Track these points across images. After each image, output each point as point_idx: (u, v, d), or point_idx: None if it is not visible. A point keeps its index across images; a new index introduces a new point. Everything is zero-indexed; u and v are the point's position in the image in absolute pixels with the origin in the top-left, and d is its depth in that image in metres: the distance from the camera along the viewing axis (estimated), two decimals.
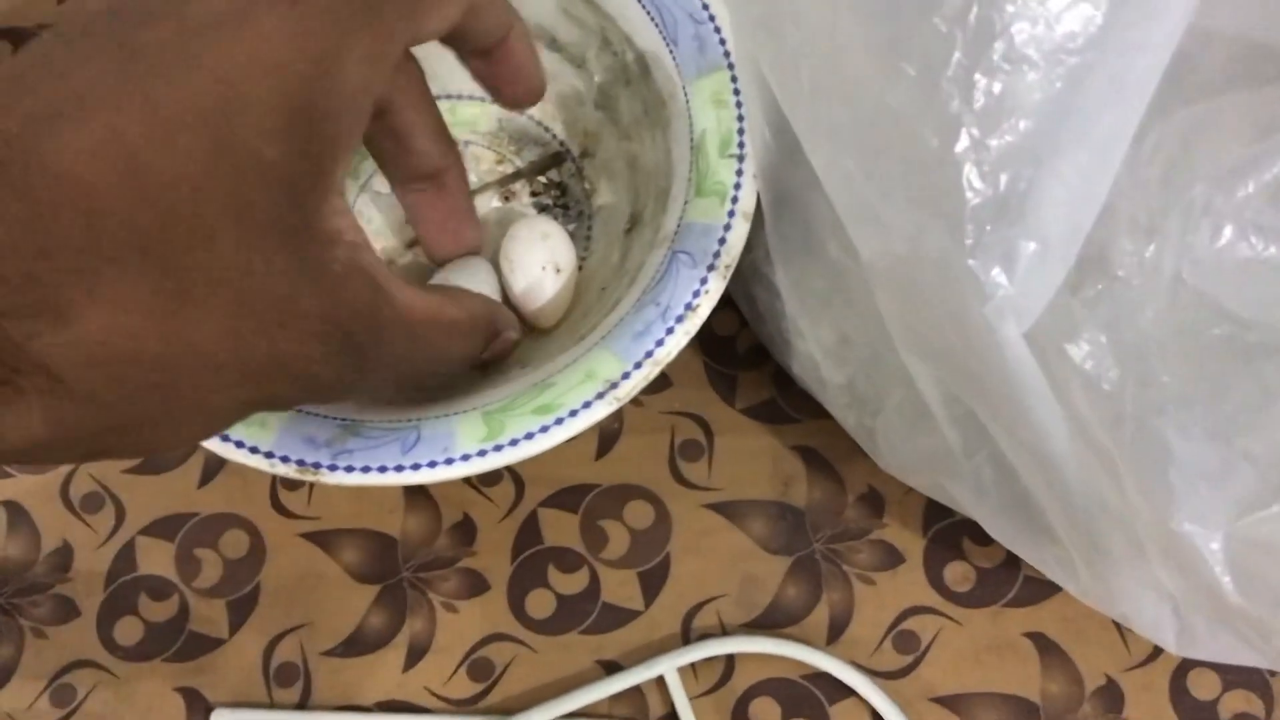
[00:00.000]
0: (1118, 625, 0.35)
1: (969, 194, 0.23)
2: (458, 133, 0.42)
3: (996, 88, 0.23)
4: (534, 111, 0.42)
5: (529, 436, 0.32)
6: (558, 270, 0.36)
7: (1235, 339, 0.23)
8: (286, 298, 0.22)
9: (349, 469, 0.32)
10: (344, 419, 0.33)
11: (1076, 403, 0.25)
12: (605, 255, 0.39)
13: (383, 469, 0.32)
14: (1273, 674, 0.34)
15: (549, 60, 0.40)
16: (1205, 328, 0.23)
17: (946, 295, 0.25)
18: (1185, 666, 0.35)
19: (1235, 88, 0.24)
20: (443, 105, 0.35)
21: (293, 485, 0.38)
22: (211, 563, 0.37)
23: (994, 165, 0.23)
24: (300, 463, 0.32)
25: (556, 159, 0.41)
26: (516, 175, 0.41)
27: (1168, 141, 0.23)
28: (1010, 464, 0.28)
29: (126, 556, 0.38)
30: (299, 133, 0.21)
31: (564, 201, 0.40)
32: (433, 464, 0.32)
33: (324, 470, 0.31)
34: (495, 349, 0.32)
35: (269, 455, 0.32)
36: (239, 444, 0.32)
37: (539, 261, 0.36)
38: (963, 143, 0.23)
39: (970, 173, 0.23)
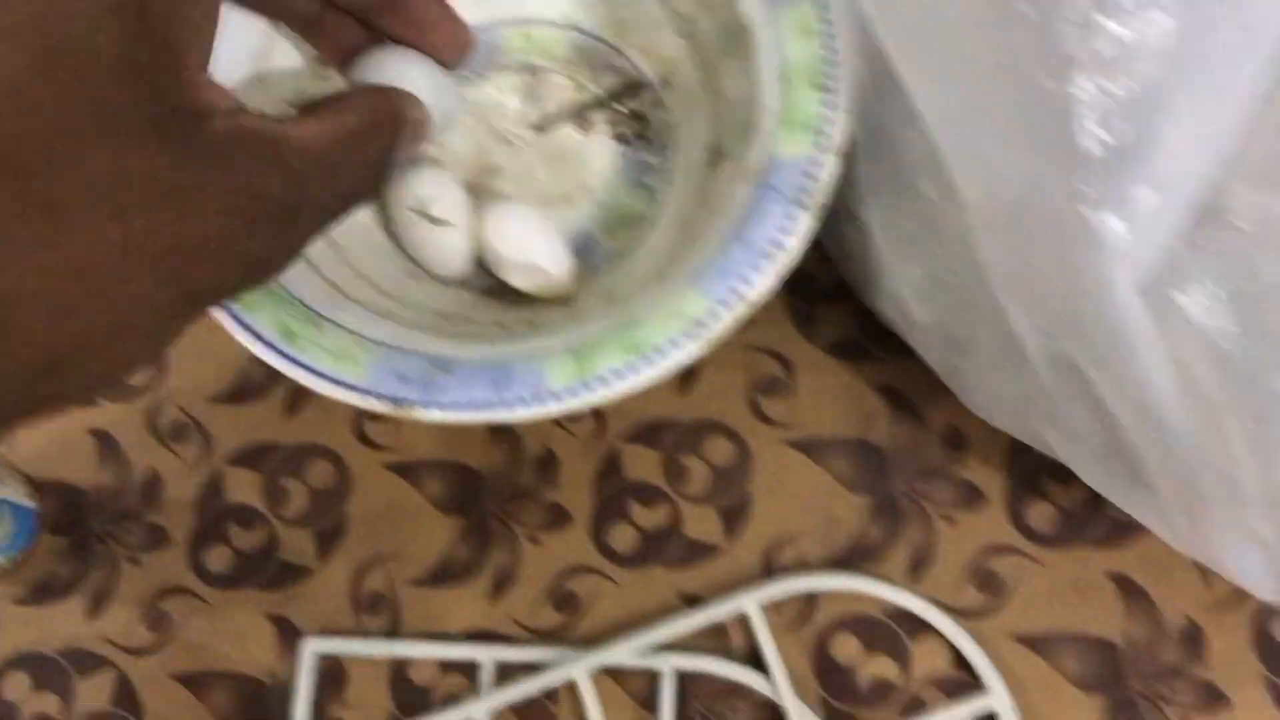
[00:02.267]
0: (1200, 567, 0.35)
1: (1086, 141, 0.22)
2: (534, 59, 0.41)
3: (1119, 30, 0.22)
4: (611, 37, 0.41)
5: (619, 375, 0.32)
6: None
7: None
8: (176, 188, 0.21)
9: (441, 406, 0.32)
10: (436, 355, 0.33)
11: (1186, 354, 0.24)
12: (685, 188, 0.38)
13: (475, 406, 0.32)
14: None
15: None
16: None
17: (1057, 241, 0.24)
18: (1266, 611, 0.35)
19: None
20: (517, 30, 0.34)
21: (377, 416, 0.39)
22: (298, 493, 0.38)
23: (1114, 112, 0.22)
24: (394, 399, 0.32)
25: (636, 87, 0.40)
26: (594, 103, 0.40)
27: None
28: (1110, 411, 0.27)
29: (214, 486, 0.38)
30: (129, 17, 0.20)
31: (644, 132, 0.40)
32: (524, 401, 0.32)
33: (417, 407, 0.32)
34: (408, 137, 0.28)
35: (364, 392, 0.32)
36: (334, 380, 0.32)
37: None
38: (1081, 87, 0.22)
39: (1088, 119, 0.22)
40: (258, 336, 0.33)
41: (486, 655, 0.36)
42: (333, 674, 0.36)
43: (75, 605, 0.37)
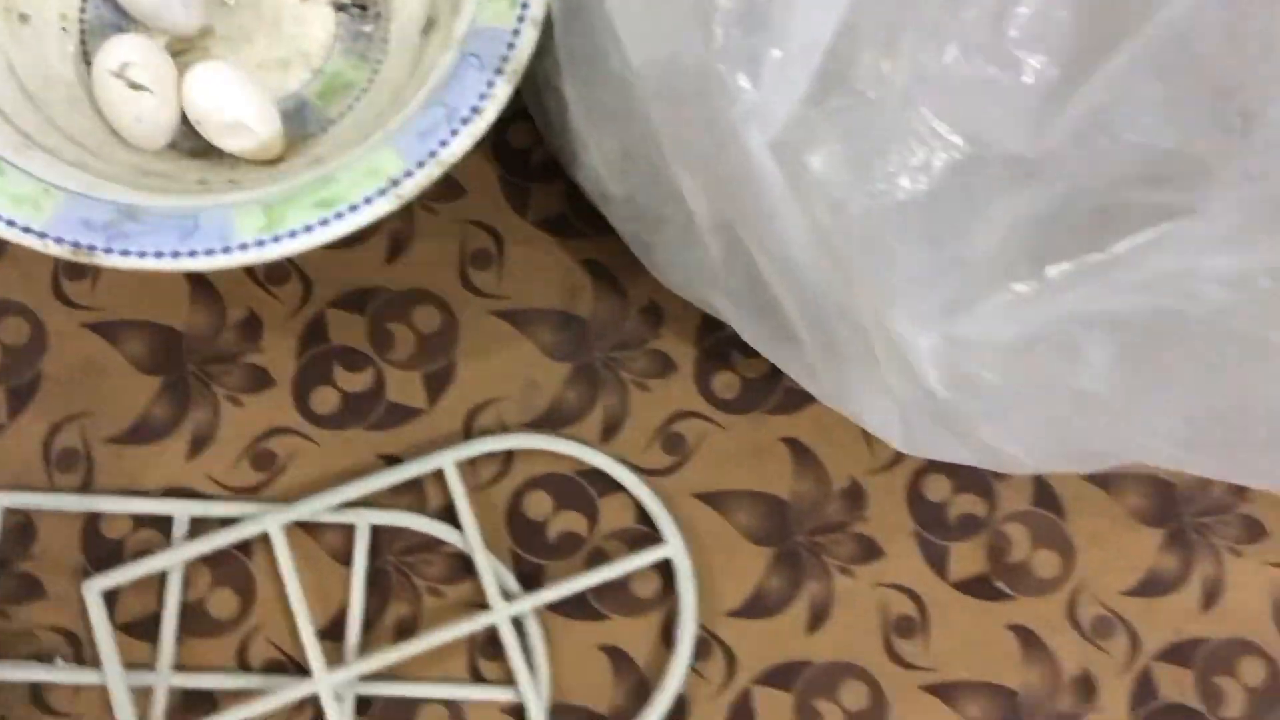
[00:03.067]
0: (865, 433, 0.38)
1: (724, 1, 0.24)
2: None
3: None
4: None
5: (308, 229, 0.32)
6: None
7: (951, 151, 0.25)
8: None
9: (125, 252, 0.32)
10: (127, 205, 0.33)
11: (816, 210, 0.26)
12: (400, 58, 0.39)
13: (159, 254, 0.32)
14: (996, 477, 0.38)
15: None
16: (927, 141, 0.25)
17: (701, 102, 0.26)
18: (921, 471, 0.38)
19: None
20: None
21: (76, 274, 0.38)
22: None
23: None
24: (75, 244, 0.31)
25: None
26: None
27: None
28: (759, 271, 0.30)
29: None
30: None
31: (362, 1, 0.40)
32: (210, 251, 0.32)
33: (99, 252, 0.31)
34: None
35: (42, 235, 0.31)
36: (10, 223, 0.32)
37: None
38: None
39: None
40: None
41: (181, 509, 0.36)
42: (20, 529, 0.36)
43: None
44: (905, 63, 0.25)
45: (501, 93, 0.33)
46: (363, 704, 0.35)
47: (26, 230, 0.32)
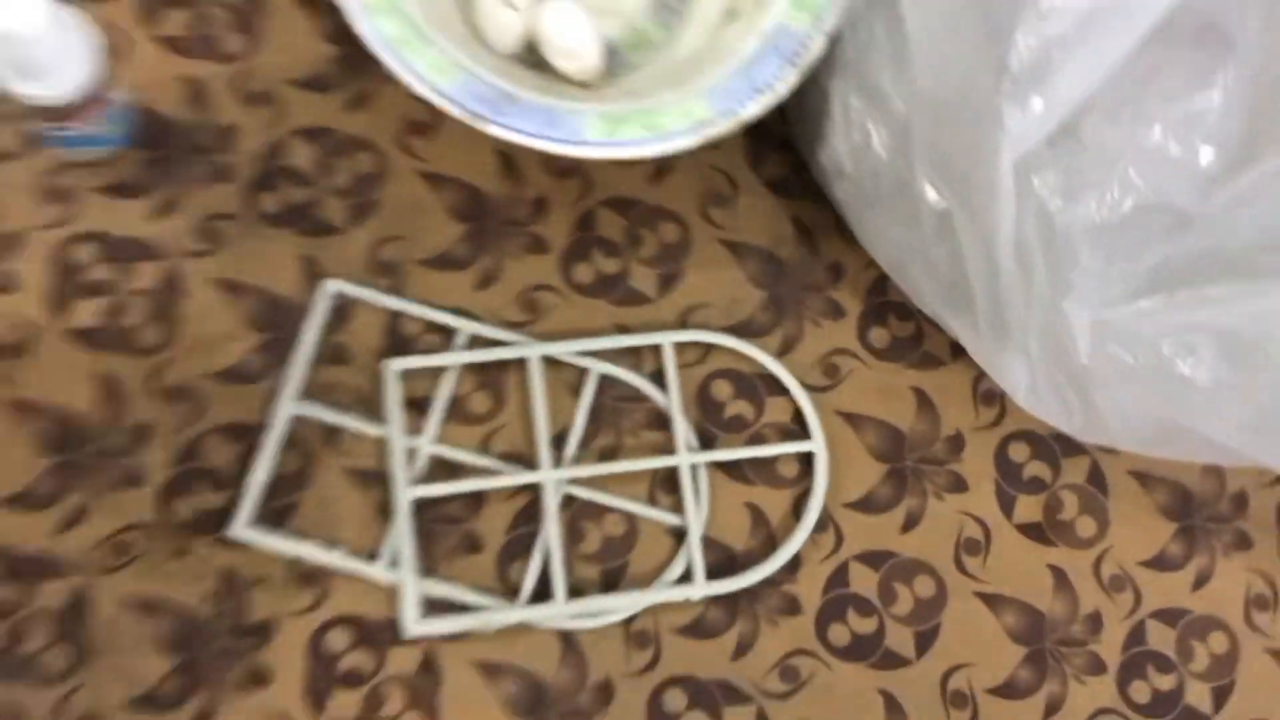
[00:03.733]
0: (975, 398, 0.50)
1: (1014, 59, 0.36)
2: None
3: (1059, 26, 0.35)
4: None
5: (636, 143, 0.43)
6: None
7: (1139, 197, 0.36)
8: None
9: (505, 125, 0.43)
10: (505, 90, 0.44)
11: (1030, 215, 0.38)
12: (696, 33, 0.50)
13: (529, 134, 0.43)
14: (1064, 453, 0.50)
15: None
16: (1124, 186, 0.36)
17: (973, 122, 0.37)
18: (1010, 437, 0.50)
19: (1184, 45, 0.38)
20: None
21: (418, 132, 0.49)
22: (345, 171, 0.48)
23: (1034, 47, 0.35)
24: (472, 111, 0.43)
25: None
26: None
27: (1141, 67, 0.36)
28: (963, 254, 0.41)
29: (279, 150, 0.48)
30: None
31: None
32: (565, 141, 0.43)
33: (487, 121, 0.43)
34: None
35: (453, 100, 0.43)
36: (431, 85, 0.43)
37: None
38: (1024, 18, 0.35)
39: (1019, 45, 0.36)
40: (380, 35, 0.43)
41: (465, 326, 0.47)
42: (342, 310, 0.47)
43: (144, 206, 0.46)
44: (1123, 131, 0.36)
45: (791, 79, 0.45)
46: (567, 500, 0.47)
47: (439, 93, 0.43)
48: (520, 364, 0.47)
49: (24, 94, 0.40)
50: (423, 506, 0.45)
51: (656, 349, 0.49)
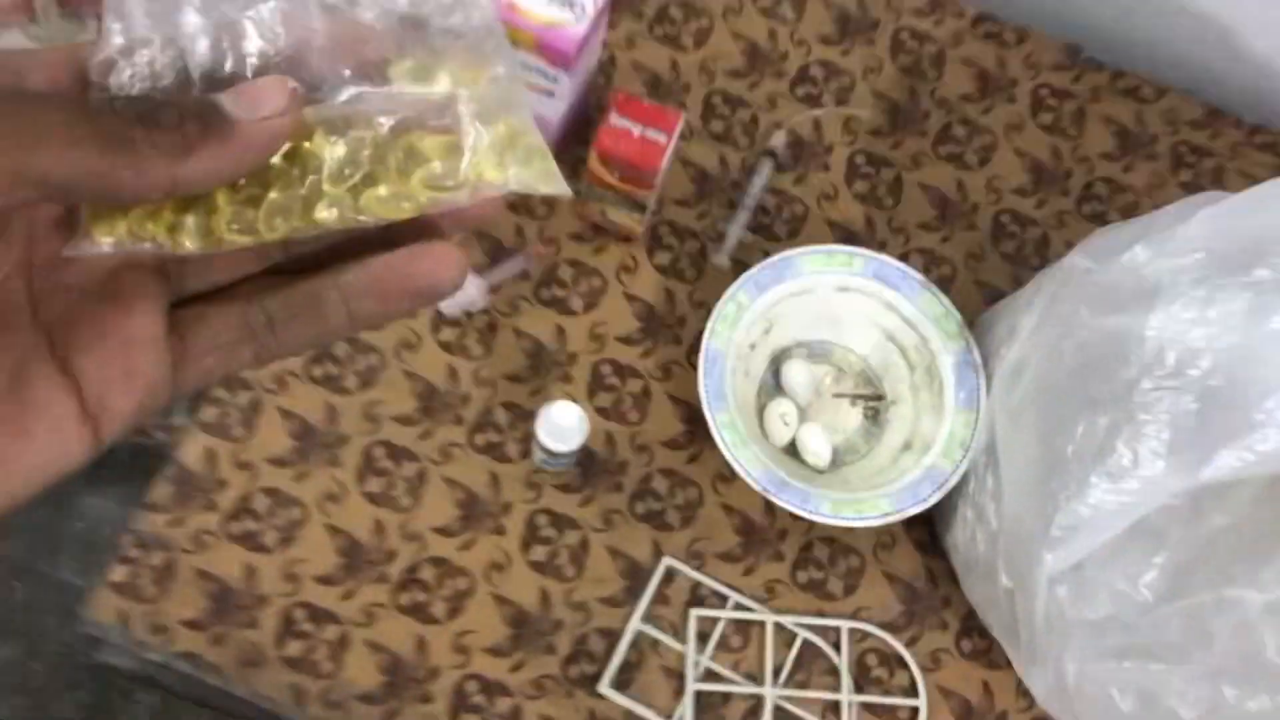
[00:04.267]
0: (1017, 692, 0.84)
1: (1054, 526, 0.72)
2: (840, 363, 0.91)
3: (1084, 511, 0.72)
4: (875, 365, 0.91)
5: (848, 518, 0.81)
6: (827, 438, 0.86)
7: (1106, 609, 0.72)
8: None
9: (778, 498, 0.81)
10: (782, 475, 0.82)
11: (1052, 606, 0.74)
12: (884, 452, 0.88)
13: (791, 504, 0.81)
14: None
15: (885, 350, 0.89)
16: (1101, 606, 0.72)
17: (1030, 550, 0.74)
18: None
19: (1138, 532, 0.74)
20: (841, 347, 0.85)
21: (726, 480, 0.88)
22: (680, 496, 0.87)
23: (1069, 523, 0.72)
24: (764, 487, 0.81)
25: (879, 396, 0.91)
26: (859, 396, 0.91)
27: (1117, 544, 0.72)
28: (1017, 613, 0.77)
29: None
30: None
31: (875, 416, 0.90)
32: (810, 511, 0.81)
33: (772, 495, 0.81)
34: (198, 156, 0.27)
35: (753, 477, 0.81)
36: (744, 468, 0.81)
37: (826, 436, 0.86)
38: (1063, 508, 0.72)
39: (1059, 518, 0.72)
40: (721, 433, 0.82)
41: (732, 595, 0.85)
42: (669, 575, 0.85)
43: (577, 498, 0.86)
44: (1109, 573, 0.72)
45: (937, 497, 0.82)
46: (777, 710, 0.82)
47: (747, 472, 0.81)
48: (761, 623, 0.84)
49: (552, 449, 0.79)
50: (700, 695, 0.81)
51: (838, 629, 0.85)
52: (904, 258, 0.94)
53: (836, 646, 0.84)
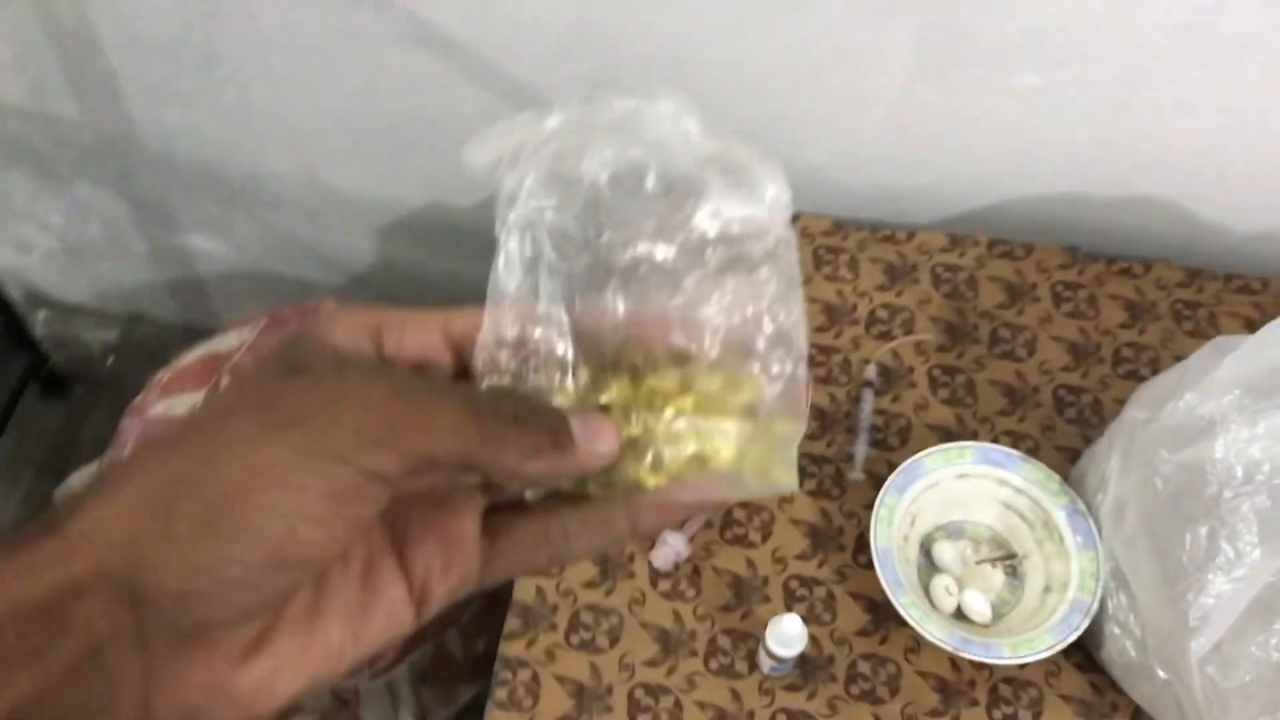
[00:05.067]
0: None
1: (1192, 615, 0.93)
2: (975, 532, 1.13)
3: (1209, 602, 0.93)
4: (1001, 531, 1.12)
5: (1020, 655, 1.01)
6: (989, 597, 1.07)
7: (1255, 671, 0.92)
8: None
9: (968, 652, 1.01)
10: (964, 635, 1.02)
11: (1206, 684, 0.93)
12: (1029, 599, 1.09)
13: (981, 656, 1.01)
14: None
15: (1006, 517, 1.11)
16: (1243, 677, 0.92)
17: (1178, 643, 0.94)
18: None
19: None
20: (973, 522, 1.07)
21: (914, 650, 1.07)
22: (871, 663, 1.06)
23: (1202, 609, 0.92)
24: (952, 645, 1.01)
25: (1013, 555, 1.12)
26: (999, 558, 1.12)
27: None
28: (1180, 698, 0.96)
29: None
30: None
31: (1014, 571, 1.11)
32: (996, 657, 1.01)
33: (960, 651, 1.01)
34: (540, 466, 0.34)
35: (940, 640, 1.01)
36: (930, 632, 1.01)
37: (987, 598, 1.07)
38: (1194, 602, 0.93)
39: (1193, 603, 0.93)
40: (906, 609, 1.02)
41: None
42: None
43: (804, 693, 1.05)
44: (1241, 649, 0.93)
45: (1085, 624, 1.02)
46: None
47: (935, 636, 1.01)
48: None
49: (782, 656, 0.99)
50: None
51: None
52: (995, 440, 1.17)
53: None
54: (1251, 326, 1.23)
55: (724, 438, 0.36)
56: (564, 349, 0.36)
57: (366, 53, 1.32)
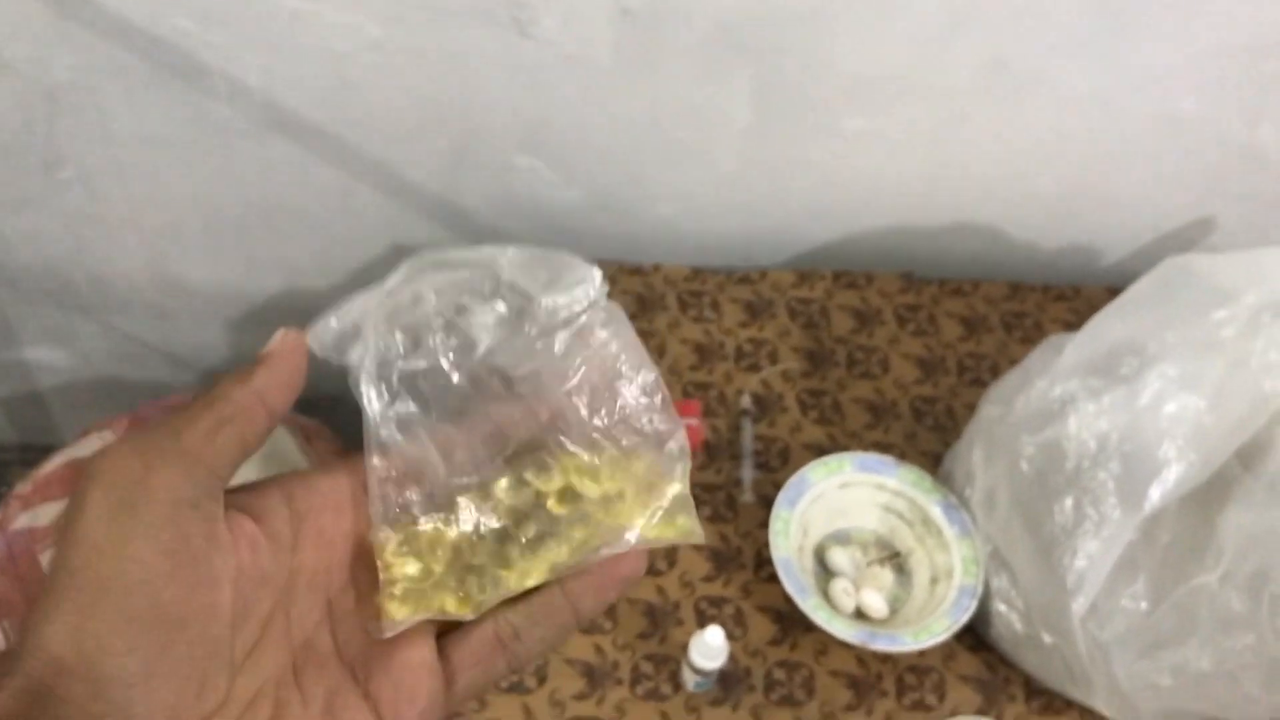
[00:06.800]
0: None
1: (1069, 583, 1.02)
2: (860, 537, 1.21)
3: (1082, 563, 1.03)
4: (885, 533, 1.21)
5: (922, 641, 1.09)
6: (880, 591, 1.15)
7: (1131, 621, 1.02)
8: None
9: (876, 646, 1.08)
10: (872, 630, 1.10)
11: (1090, 640, 1.03)
12: (920, 589, 1.17)
13: (889, 646, 1.08)
14: None
15: (887, 519, 1.20)
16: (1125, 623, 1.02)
17: (1061, 602, 1.03)
18: None
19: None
20: (855, 528, 1.15)
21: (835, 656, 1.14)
22: (791, 683, 1.12)
23: (1079, 569, 1.02)
24: (862, 643, 1.08)
25: (897, 554, 1.20)
26: (885, 557, 1.20)
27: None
28: (1068, 660, 1.06)
29: None
30: None
31: (902, 567, 1.19)
32: (900, 644, 1.08)
33: (869, 644, 1.08)
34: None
35: (850, 637, 1.08)
36: (832, 628, 1.08)
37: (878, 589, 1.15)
38: (1070, 574, 1.03)
39: (1073, 565, 1.02)
40: (810, 608, 1.09)
41: None
42: None
43: (729, 709, 1.10)
44: (1112, 604, 1.03)
45: (974, 606, 1.11)
46: None
47: (845, 636, 1.08)
48: None
49: (705, 668, 1.04)
50: None
51: None
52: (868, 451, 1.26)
53: None
54: (1071, 329, 1.37)
55: (620, 511, 0.38)
56: (444, 478, 0.38)
57: (221, 142, 1.33)
